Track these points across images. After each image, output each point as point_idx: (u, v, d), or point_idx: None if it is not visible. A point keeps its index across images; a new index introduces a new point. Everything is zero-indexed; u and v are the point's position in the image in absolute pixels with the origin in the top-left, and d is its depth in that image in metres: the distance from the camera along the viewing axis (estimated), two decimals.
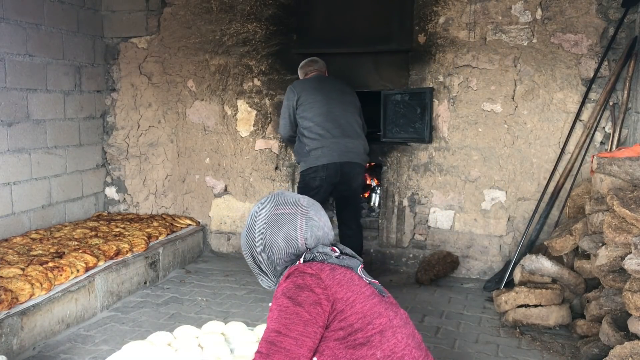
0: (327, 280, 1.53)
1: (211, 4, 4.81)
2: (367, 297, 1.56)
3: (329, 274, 1.55)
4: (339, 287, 1.53)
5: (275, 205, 1.70)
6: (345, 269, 1.59)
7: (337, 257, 1.62)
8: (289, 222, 1.66)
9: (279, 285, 1.59)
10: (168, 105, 5.03)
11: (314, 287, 1.50)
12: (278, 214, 1.67)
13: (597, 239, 3.08)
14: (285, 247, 1.65)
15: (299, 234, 1.66)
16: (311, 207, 1.72)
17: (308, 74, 4.11)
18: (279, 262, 1.67)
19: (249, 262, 1.77)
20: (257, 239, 1.69)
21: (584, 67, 4.03)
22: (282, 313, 1.49)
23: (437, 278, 4.27)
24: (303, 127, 3.89)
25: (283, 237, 1.65)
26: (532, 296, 3.36)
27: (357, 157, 3.90)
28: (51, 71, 4.49)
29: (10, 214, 4.17)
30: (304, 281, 1.52)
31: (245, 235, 1.75)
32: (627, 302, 2.55)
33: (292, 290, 1.51)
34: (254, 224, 1.71)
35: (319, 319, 1.49)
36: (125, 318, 3.52)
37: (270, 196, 1.77)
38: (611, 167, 3.03)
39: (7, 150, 4.11)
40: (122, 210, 5.22)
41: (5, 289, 3.02)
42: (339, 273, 1.57)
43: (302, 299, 1.49)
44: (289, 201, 1.71)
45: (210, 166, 4.99)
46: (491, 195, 4.31)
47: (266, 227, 1.67)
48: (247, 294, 4.01)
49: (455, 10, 4.26)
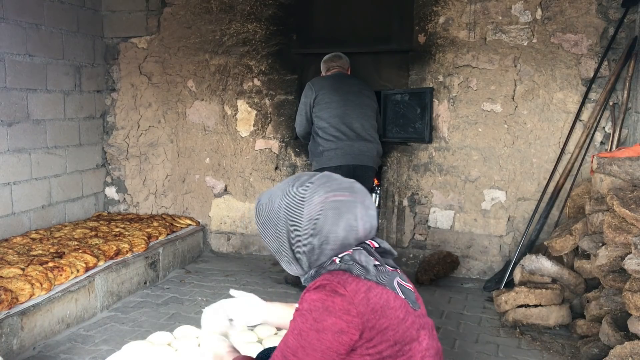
0: (361, 307, 1.39)
1: (211, 4, 4.81)
2: (400, 321, 1.44)
3: (364, 298, 1.40)
4: (372, 315, 1.40)
5: (330, 190, 1.50)
6: (382, 288, 1.44)
7: (375, 269, 1.46)
8: (349, 211, 1.49)
9: (308, 291, 1.45)
10: (168, 105, 5.03)
11: (342, 315, 1.38)
12: (337, 201, 1.49)
13: (597, 239, 3.08)
14: (343, 237, 1.48)
15: (360, 224, 1.50)
16: (366, 195, 1.56)
17: (330, 69, 4.11)
18: (329, 253, 1.49)
19: (273, 246, 1.56)
20: (305, 225, 1.48)
21: (584, 67, 4.03)
22: (303, 333, 1.40)
23: (437, 278, 4.27)
24: (318, 126, 3.90)
25: (344, 226, 1.48)
26: (532, 296, 3.36)
27: (370, 160, 3.93)
28: (51, 71, 4.49)
29: (10, 214, 4.17)
30: (333, 304, 1.38)
31: (273, 218, 1.54)
32: (627, 302, 2.55)
33: (320, 311, 1.39)
34: (296, 208, 1.49)
35: (342, 348, 1.39)
36: (125, 318, 3.52)
37: (314, 178, 1.55)
38: (611, 167, 3.03)
39: (7, 150, 4.11)
40: (122, 210, 5.22)
41: (5, 289, 3.01)
42: (375, 295, 1.42)
43: (327, 324, 1.38)
44: (343, 186, 1.53)
45: (210, 166, 4.99)
46: (491, 195, 4.31)
47: (322, 214, 1.47)
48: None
49: (455, 10, 4.26)
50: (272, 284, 4.20)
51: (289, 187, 1.54)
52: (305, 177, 1.56)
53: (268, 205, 1.56)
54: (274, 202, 1.54)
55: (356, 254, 1.49)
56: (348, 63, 4.15)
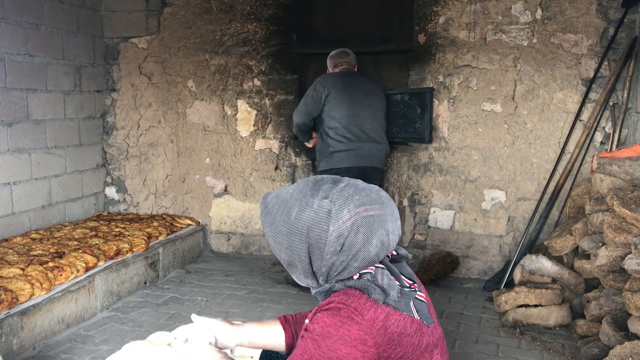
0: (378, 337, 1.30)
1: (211, 4, 4.81)
2: (415, 347, 1.36)
3: (381, 327, 1.31)
4: (389, 345, 1.32)
5: (361, 204, 1.37)
6: (399, 314, 1.35)
7: (398, 293, 1.37)
8: (382, 226, 1.38)
9: (321, 311, 1.35)
10: (168, 105, 5.03)
11: (358, 344, 1.29)
12: (369, 216, 1.37)
13: (597, 239, 3.08)
14: (375, 254, 1.38)
15: (391, 238, 1.40)
16: (393, 204, 1.45)
17: (337, 65, 4.08)
18: (354, 270, 1.39)
19: (285, 258, 1.44)
20: (333, 242, 1.35)
21: (584, 67, 4.03)
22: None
23: (437, 278, 4.27)
24: (329, 126, 3.87)
25: (376, 243, 1.37)
26: (532, 296, 3.36)
27: (378, 162, 3.95)
28: (51, 71, 4.49)
29: (10, 214, 4.17)
30: (349, 332, 1.29)
31: (289, 230, 1.40)
32: (627, 302, 2.55)
33: (334, 339, 1.30)
34: (322, 223, 1.36)
35: None
36: (125, 318, 3.52)
37: (338, 188, 1.41)
38: (611, 167, 3.03)
39: (7, 150, 4.11)
40: (122, 210, 5.22)
41: (5, 289, 3.02)
42: (393, 323, 1.33)
43: (341, 354, 1.29)
44: (372, 197, 1.40)
45: (210, 166, 4.99)
46: (491, 195, 4.31)
47: (354, 231, 1.35)
48: (247, 294, 4.01)
49: (455, 10, 4.26)
50: (272, 284, 4.20)
51: (309, 198, 1.39)
52: (328, 187, 1.41)
53: (281, 214, 1.41)
54: (290, 213, 1.40)
55: (378, 274, 1.39)
56: (355, 59, 4.13)
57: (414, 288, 1.45)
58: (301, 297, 3.91)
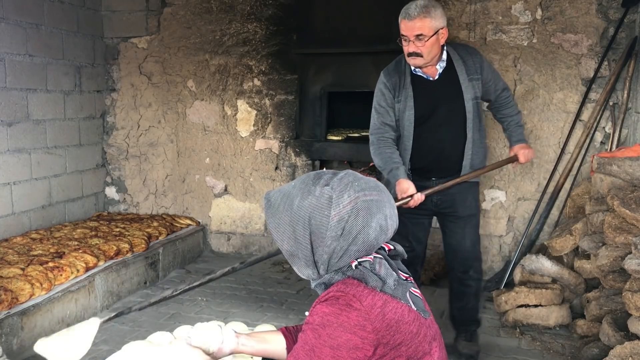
0: (377, 323, 1.34)
1: (211, 4, 4.81)
2: (414, 335, 1.40)
3: (379, 313, 1.36)
4: (387, 331, 1.36)
5: (360, 189, 1.42)
6: (397, 301, 1.40)
7: (395, 282, 1.42)
8: (380, 211, 1.42)
9: (319, 302, 1.40)
10: (168, 105, 5.03)
11: (357, 330, 1.33)
12: (368, 200, 1.41)
13: (597, 239, 3.08)
14: (374, 238, 1.42)
15: (389, 223, 1.45)
16: (389, 195, 1.50)
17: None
18: (353, 255, 1.43)
19: (288, 248, 1.47)
20: (334, 226, 1.39)
21: (584, 67, 4.03)
22: (316, 350, 1.35)
23: (437, 278, 4.27)
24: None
25: (375, 227, 1.41)
26: (532, 296, 3.36)
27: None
28: (51, 71, 4.49)
29: (10, 214, 4.17)
30: (348, 319, 1.33)
31: (292, 219, 1.44)
32: (627, 302, 2.55)
33: (334, 327, 1.34)
34: (323, 208, 1.40)
35: None
36: (125, 318, 3.51)
37: (338, 177, 1.45)
38: (611, 167, 3.03)
39: (7, 150, 4.11)
40: (122, 210, 5.22)
41: (5, 289, 3.01)
42: (390, 310, 1.37)
43: (342, 341, 1.33)
44: (370, 185, 1.45)
45: (210, 166, 4.99)
46: (491, 195, 4.31)
47: (353, 214, 1.39)
48: (247, 294, 4.01)
49: (455, 10, 4.26)
50: (272, 284, 4.20)
51: (311, 187, 1.44)
52: (328, 176, 1.47)
53: (284, 205, 1.45)
54: (292, 202, 1.44)
55: (376, 263, 1.43)
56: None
57: (410, 280, 1.49)
58: (301, 297, 3.91)
